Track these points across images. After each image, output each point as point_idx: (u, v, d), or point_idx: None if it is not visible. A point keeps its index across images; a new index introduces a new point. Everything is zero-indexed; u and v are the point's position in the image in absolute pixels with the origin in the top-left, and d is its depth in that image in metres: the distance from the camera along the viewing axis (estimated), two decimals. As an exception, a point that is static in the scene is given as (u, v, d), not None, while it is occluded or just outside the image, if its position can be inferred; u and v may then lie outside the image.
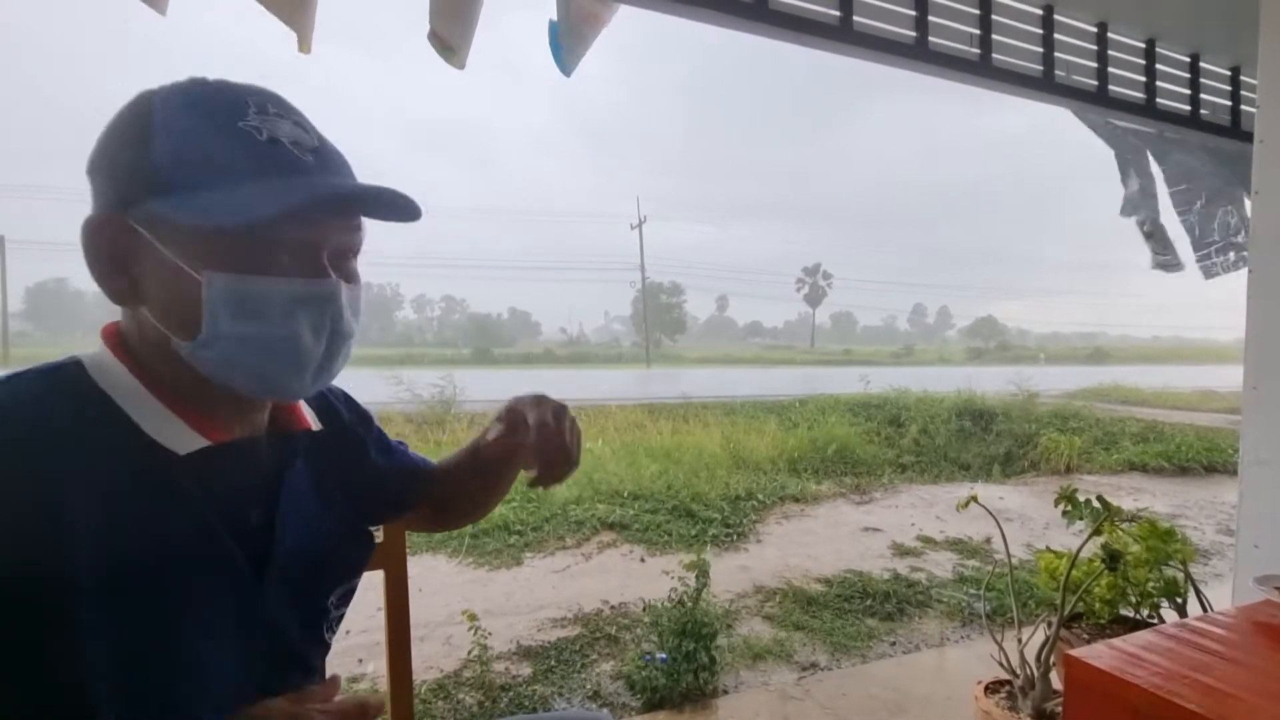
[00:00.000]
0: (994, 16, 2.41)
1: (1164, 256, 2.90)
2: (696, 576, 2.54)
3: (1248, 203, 2.76)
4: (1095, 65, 2.69)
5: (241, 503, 0.59)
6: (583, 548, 4.08)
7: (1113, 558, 1.79)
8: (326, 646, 0.71)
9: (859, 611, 3.09)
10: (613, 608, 3.14)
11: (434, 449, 6.96)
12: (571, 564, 3.80)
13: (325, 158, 0.56)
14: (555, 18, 1.52)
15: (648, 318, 50.77)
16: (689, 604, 2.47)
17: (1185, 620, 0.92)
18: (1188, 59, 2.91)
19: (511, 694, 2.38)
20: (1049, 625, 1.86)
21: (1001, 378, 11.19)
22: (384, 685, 0.92)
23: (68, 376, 0.54)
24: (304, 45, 1.10)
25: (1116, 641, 0.84)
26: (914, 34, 2.30)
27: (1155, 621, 1.98)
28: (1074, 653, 0.80)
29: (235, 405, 0.59)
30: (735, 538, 4.29)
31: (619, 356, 49.72)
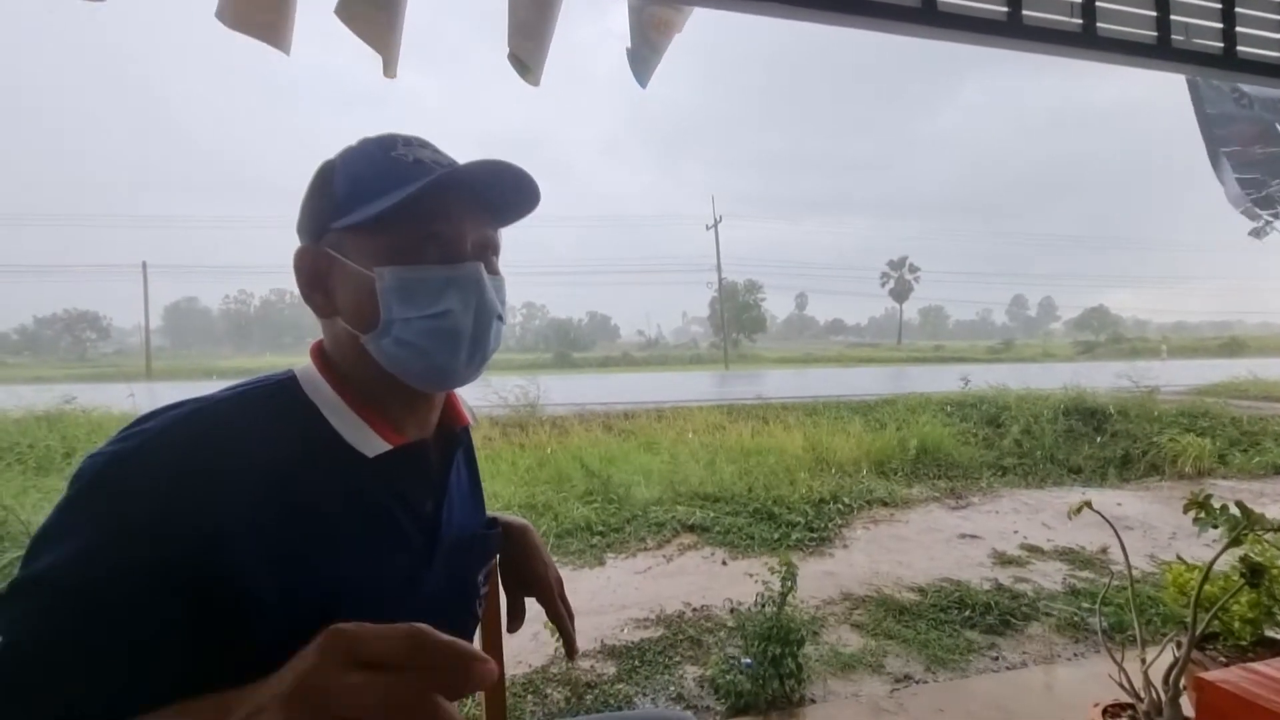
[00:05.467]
0: (1097, -17, 2.22)
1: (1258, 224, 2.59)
2: (783, 579, 2.49)
3: None
4: (1220, 26, 2.42)
5: (417, 495, 0.69)
6: (664, 549, 4.09)
7: (1255, 572, 1.60)
8: (477, 619, 0.81)
9: (957, 622, 2.93)
10: (694, 610, 3.13)
11: (517, 450, 7.20)
12: (653, 565, 3.82)
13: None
14: (629, 29, 1.54)
15: (725, 318, 50.26)
16: (774, 608, 2.42)
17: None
18: (1337, 8, 2.57)
19: (596, 691, 2.42)
20: (1178, 645, 1.69)
21: (1116, 373, 10.22)
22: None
23: (285, 390, 0.65)
24: (390, 70, 1.17)
25: (1259, 665, 0.75)
26: (1005, 9, 2.16)
27: (1308, 646, 1.75)
28: (1208, 675, 0.73)
29: (410, 405, 0.69)
30: (819, 542, 4.17)
31: (697, 358, 49.52)
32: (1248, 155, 2.50)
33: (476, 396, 10.03)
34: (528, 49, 1.29)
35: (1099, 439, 7.61)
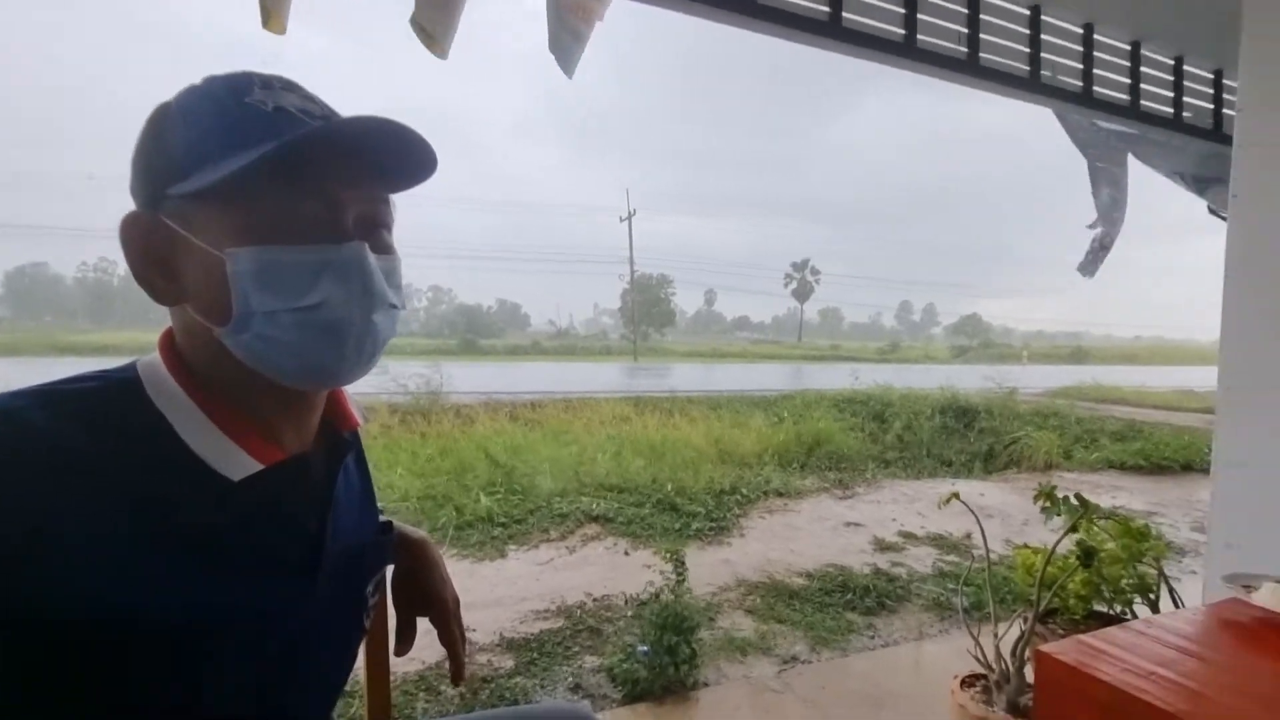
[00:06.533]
0: (982, 16, 2.42)
1: (1091, 268, 2.99)
2: (675, 568, 2.55)
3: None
4: (1081, 66, 2.71)
5: (296, 519, 0.59)
6: (567, 540, 4.08)
7: (1088, 554, 1.82)
8: (364, 632, 0.73)
9: (840, 605, 3.12)
10: (595, 600, 3.15)
11: (418, 439, 6.92)
12: (555, 556, 3.80)
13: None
14: (545, 11, 1.50)
15: (636, 311, 50.73)
16: (670, 596, 2.48)
17: (1153, 617, 0.93)
18: (1171, 61, 2.94)
19: (493, 686, 2.38)
20: (1024, 620, 1.89)
21: (984, 375, 11.31)
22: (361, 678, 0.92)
23: (123, 394, 0.53)
24: (276, 23, 1.06)
25: (1085, 637, 0.85)
26: (903, 31, 2.31)
27: (1128, 617, 2.02)
28: (1044, 648, 0.81)
29: (285, 408, 0.58)
30: (719, 531, 4.31)
31: (607, 349, 49.66)
32: (1111, 174, 2.85)
33: (373, 385, 9.52)
34: (434, 19, 1.23)
35: (969, 435, 8.38)
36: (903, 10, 2.31)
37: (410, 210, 0.63)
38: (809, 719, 2.13)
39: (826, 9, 2.17)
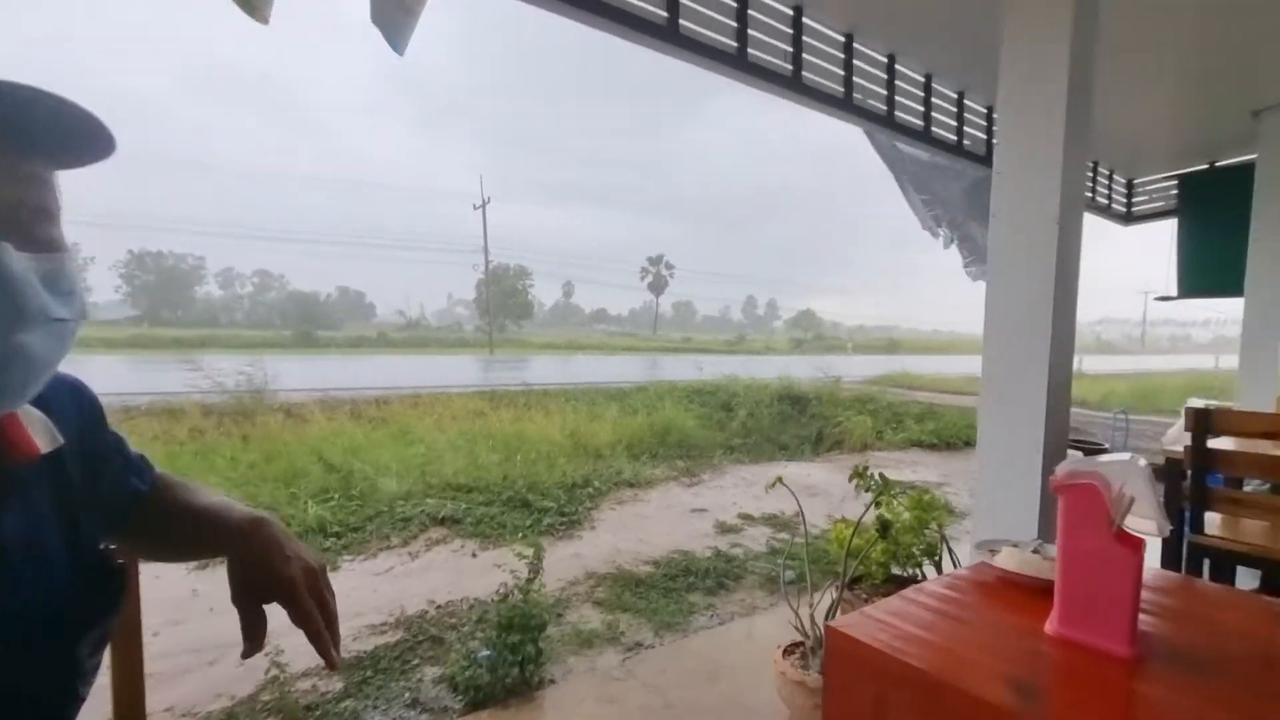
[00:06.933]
0: (804, 38, 2.62)
1: (970, 264, 3.42)
2: (529, 567, 2.51)
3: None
4: (885, 93, 3.05)
5: None
6: (409, 546, 3.86)
7: (884, 527, 2.06)
8: (80, 700, 0.61)
9: (683, 589, 3.27)
10: (439, 607, 3.01)
11: (238, 443, 6.18)
12: (396, 565, 3.58)
13: None
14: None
15: (491, 302, 49.25)
16: (518, 596, 2.44)
17: (921, 584, 1.07)
18: (955, 95, 3.41)
19: (319, 713, 2.19)
20: (836, 589, 2.10)
21: (815, 366, 12.50)
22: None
23: None
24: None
25: (869, 609, 0.95)
26: (735, 44, 2.44)
27: (920, 578, 2.32)
28: (831, 622, 0.90)
29: None
30: (570, 525, 4.32)
31: (461, 341, 47.69)
32: (922, 183, 3.24)
33: (178, 382, 8.34)
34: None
35: (802, 420, 9.19)
36: (735, 24, 2.44)
37: (231, 186, 0.49)
38: (649, 703, 2.21)
39: (665, 14, 2.23)
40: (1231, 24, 2.79)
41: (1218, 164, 4.89)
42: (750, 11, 2.45)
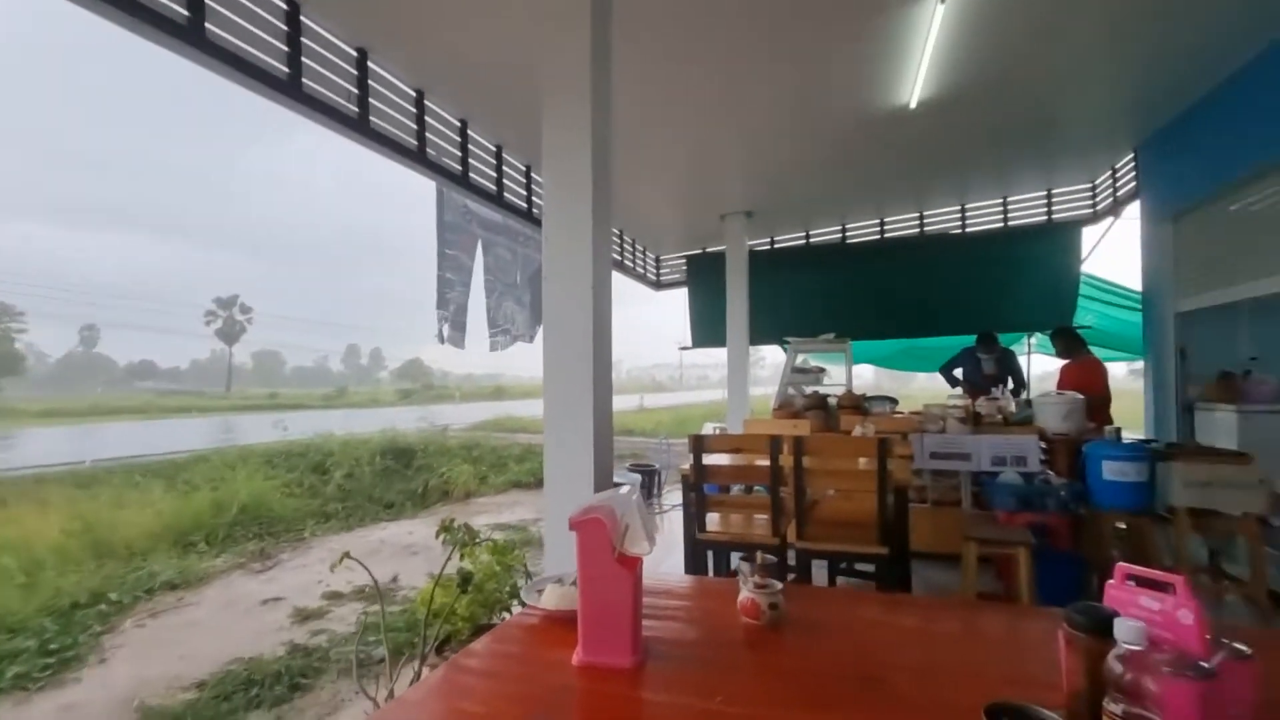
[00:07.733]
0: (370, 83, 2.54)
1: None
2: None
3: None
4: (459, 154, 3.19)
5: None
6: None
7: (465, 580, 2.04)
8: None
9: (241, 708, 2.64)
10: None
11: None
12: None
13: None
14: None
15: (-64, 353, 33.32)
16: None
17: (472, 646, 1.07)
18: (524, 166, 3.80)
19: None
20: (418, 660, 1.97)
21: (420, 415, 12.15)
22: None
23: None
24: None
25: (409, 692, 0.90)
26: (287, 70, 2.19)
27: (505, 622, 2.37)
28: (403, 694, 0.80)
29: None
30: (60, 668, 3.08)
31: None
32: (458, 261, 3.40)
33: None
34: None
35: (408, 474, 8.74)
36: (286, 48, 2.20)
37: None
38: None
39: (186, 12, 1.87)
40: (705, 153, 3.85)
41: (708, 249, 6.72)
42: (304, 40, 2.25)
